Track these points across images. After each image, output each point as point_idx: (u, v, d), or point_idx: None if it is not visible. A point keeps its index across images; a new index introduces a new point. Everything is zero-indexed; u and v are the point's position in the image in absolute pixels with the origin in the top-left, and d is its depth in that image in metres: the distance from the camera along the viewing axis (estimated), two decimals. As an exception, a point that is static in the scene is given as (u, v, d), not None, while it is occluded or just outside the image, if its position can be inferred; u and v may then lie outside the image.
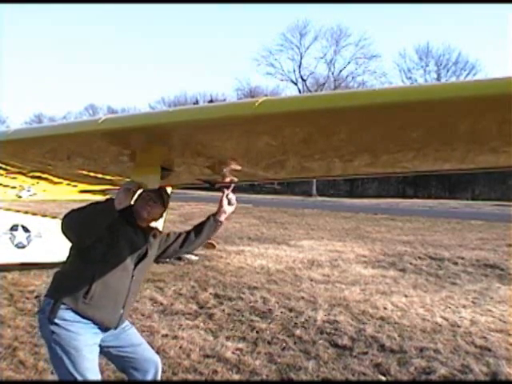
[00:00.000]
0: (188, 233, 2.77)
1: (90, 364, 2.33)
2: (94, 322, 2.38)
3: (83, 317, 2.34)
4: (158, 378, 2.69)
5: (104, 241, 2.38)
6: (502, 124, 1.24)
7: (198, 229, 2.75)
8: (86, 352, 2.31)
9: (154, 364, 2.64)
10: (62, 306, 2.31)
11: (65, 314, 2.31)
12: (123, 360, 2.61)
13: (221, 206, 2.72)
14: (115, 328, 2.49)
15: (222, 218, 2.74)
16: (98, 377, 2.39)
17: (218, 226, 2.76)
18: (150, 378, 2.63)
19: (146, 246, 2.60)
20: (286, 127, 1.47)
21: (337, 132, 1.48)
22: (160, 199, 2.57)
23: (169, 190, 2.88)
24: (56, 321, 2.30)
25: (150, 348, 2.73)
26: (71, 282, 2.37)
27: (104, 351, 2.57)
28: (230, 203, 2.72)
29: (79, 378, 2.29)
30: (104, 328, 2.44)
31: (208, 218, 2.76)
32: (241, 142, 1.73)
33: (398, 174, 2.19)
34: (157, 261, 2.86)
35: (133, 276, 2.52)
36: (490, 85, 1.09)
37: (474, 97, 1.08)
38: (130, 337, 2.63)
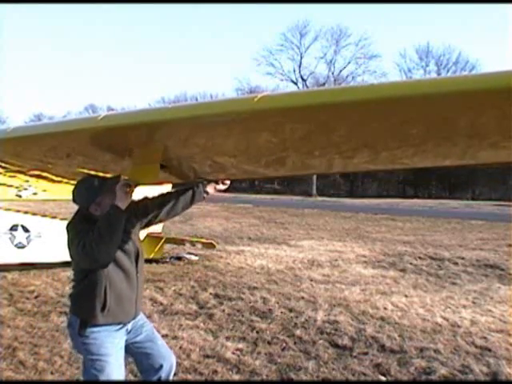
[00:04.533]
0: (167, 198, 2.68)
1: (117, 370, 2.48)
2: (116, 324, 2.51)
3: (105, 325, 2.47)
4: (171, 376, 2.76)
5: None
6: (501, 118, 1.23)
7: (182, 193, 2.68)
8: (113, 358, 2.46)
9: (169, 362, 2.72)
10: (88, 323, 2.45)
11: (91, 329, 2.46)
12: (141, 355, 2.70)
13: (214, 182, 2.74)
14: (134, 318, 2.61)
15: (210, 190, 2.74)
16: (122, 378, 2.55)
17: (203, 198, 2.74)
18: (163, 375, 2.70)
19: (126, 229, 2.51)
20: (286, 123, 1.46)
21: (336, 127, 1.47)
22: (115, 183, 2.48)
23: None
24: (85, 334, 2.45)
25: (167, 346, 2.82)
26: (89, 301, 2.45)
27: (127, 348, 2.65)
28: (223, 183, 2.75)
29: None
30: (124, 325, 2.56)
31: (196, 185, 2.71)
32: (240, 138, 1.72)
33: (398, 169, 2.18)
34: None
35: (137, 263, 2.57)
36: (489, 79, 1.08)
37: (473, 91, 1.08)
38: (148, 333, 2.72)
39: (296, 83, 48.12)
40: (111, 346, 2.47)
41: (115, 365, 2.47)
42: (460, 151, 1.66)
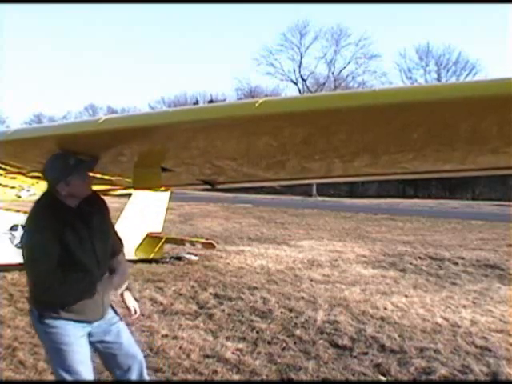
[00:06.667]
0: (119, 262, 2.73)
1: (82, 357, 2.42)
2: (79, 322, 2.45)
3: (67, 319, 2.41)
4: (145, 375, 2.68)
5: (58, 248, 2.32)
6: (502, 125, 1.24)
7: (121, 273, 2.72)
8: (76, 346, 2.40)
9: (138, 362, 2.64)
10: (46, 315, 2.40)
11: (51, 319, 2.40)
12: (108, 355, 2.62)
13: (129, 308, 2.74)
14: (101, 318, 2.53)
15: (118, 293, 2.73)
16: (89, 369, 2.47)
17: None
18: (134, 376, 2.62)
19: (89, 224, 2.44)
20: (286, 127, 1.46)
21: (337, 132, 1.47)
22: (90, 167, 2.41)
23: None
24: (46, 322, 2.41)
25: (135, 345, 2.71)
26: (46, 295, 2.40)
27: (94, 346, 2.60)
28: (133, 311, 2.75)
29: (71, 373, 2.38)
30: (89, 322, 2.49)
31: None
32: (241, 142, 1.72)
33: (399, 174, 2.18)
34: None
35: (98, 262, 2.46)
36: (490, 86, 1.08)
37: (474, 97, 1.08)
38: (118, 330, 2.63)
39: (296, 83, 48.07)
40: (73, 335, 2.40)
41: (80, 352, 2.41)
42: (460, 156, 1.66)
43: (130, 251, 7.80)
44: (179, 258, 8.52)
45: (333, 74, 47.20)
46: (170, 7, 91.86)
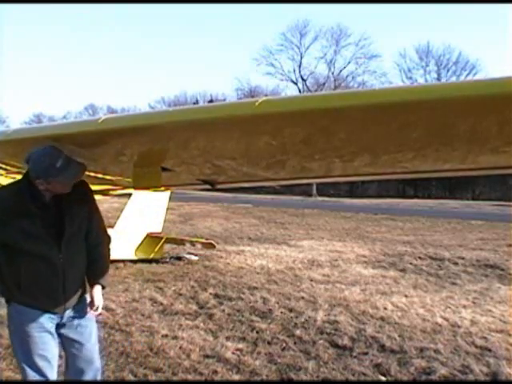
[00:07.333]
0: (99, 252, 2.64)
1: (42, 350, 2.41)
2: (41, 310, 2.43)
3: (27, 306, 2.40)
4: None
5: (16, 234, 2.32)
6: (502, 124, 1.23)
7: (101, 265, 2.67)
8: (37, 338, 2.40)
9: (93, 368, 2.61)
10: (10, 303, 2.44)
11: (15, 308, 2.43)
12: (69, 353, 2.60)
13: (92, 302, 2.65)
14: (64, 309, 2.49)
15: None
16: (52, 364, 2.46)
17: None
18: (86, 379, 2.59)
19: (62, 220, 2.40)
20: (286, 127, 1.46)
21: (337, 132, 1.47)
22: (77, 173, 2.31)
23: None
24: (10, 306, 2.45)
25: (96, 352, 2.67)
26: (6, 281, 2.42)
27: (62, 341, 2.59)
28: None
29: (27, 363, 2.40)
30: (54, 312, 2.46)
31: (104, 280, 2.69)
32: (241, 141, 1.72)
33: (398, 174, 2.18)
34: None
35: (60, 256, 2.40)
36: (489, 84, 1.08)
37: (473, 96, 1.08)
38: (82, 331, 2.59)
39: (296, 83, 48.08)
40: (36, 325, 2.39)
41: (39, 344, 2.40)
42: (460, 156, 1.66)
43: (130, 251, 7.81)
44: (179, 258, 8.53)
45: (333, 74, 47.22)
46: (169, 7, 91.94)
